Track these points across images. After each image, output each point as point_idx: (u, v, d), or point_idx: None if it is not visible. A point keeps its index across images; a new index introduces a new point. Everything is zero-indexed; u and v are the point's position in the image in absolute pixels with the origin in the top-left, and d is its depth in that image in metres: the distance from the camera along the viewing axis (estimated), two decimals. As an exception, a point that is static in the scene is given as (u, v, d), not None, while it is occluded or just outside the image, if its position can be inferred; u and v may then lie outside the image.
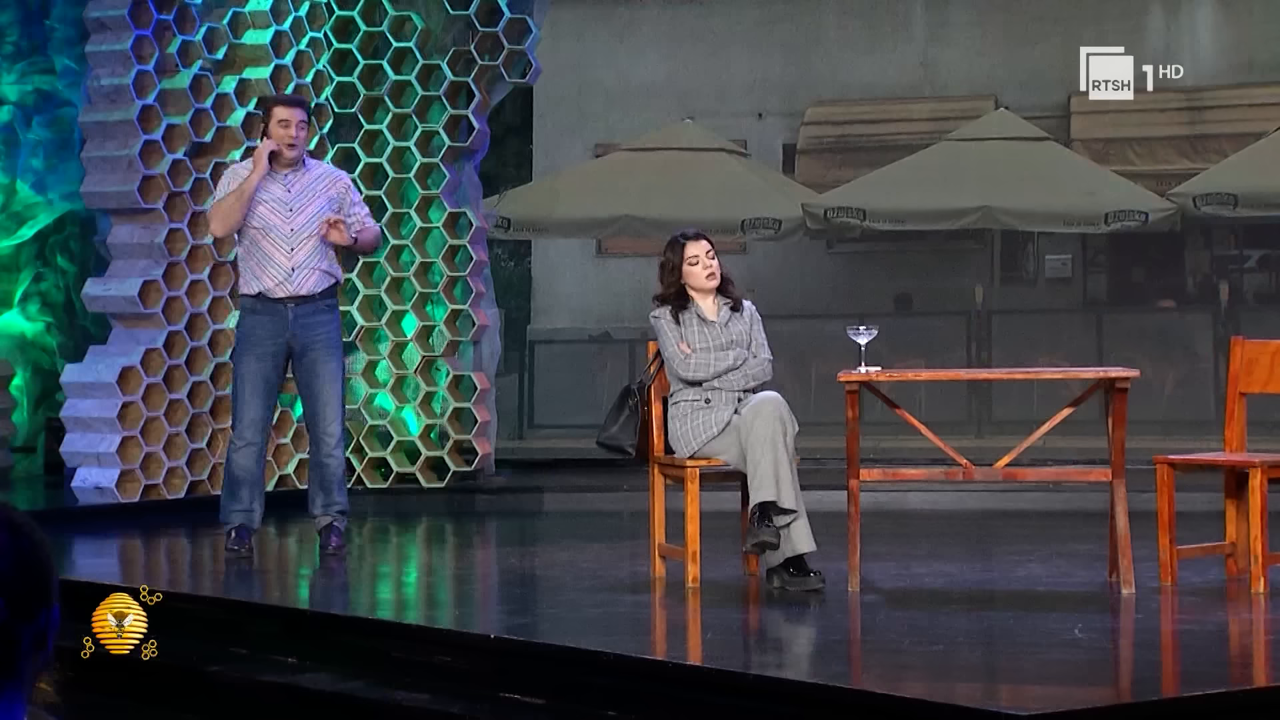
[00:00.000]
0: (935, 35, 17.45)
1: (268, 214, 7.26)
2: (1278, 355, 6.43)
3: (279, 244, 7.25)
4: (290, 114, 7.30)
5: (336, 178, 7.51)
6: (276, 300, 7.23)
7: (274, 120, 7.31)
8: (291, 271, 7.24)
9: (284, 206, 7.29)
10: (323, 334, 7.31)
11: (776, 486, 6.13)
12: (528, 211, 14.40)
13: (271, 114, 7.35)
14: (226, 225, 7.30)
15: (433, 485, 10.08)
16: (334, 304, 7.44)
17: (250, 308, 7.32)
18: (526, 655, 5.24)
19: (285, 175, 7.32)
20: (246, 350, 7.29)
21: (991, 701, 4.47)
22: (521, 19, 10.25)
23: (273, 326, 7.25)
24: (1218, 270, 17.26)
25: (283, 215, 7.27)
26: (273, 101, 7.55)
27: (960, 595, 6.45)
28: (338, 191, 7.41)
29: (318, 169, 7.52)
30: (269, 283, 7.24)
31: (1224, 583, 6.30)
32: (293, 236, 7.24)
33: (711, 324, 6.53)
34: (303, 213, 7.29)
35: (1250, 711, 4.45)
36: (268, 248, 7.25)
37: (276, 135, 7.29)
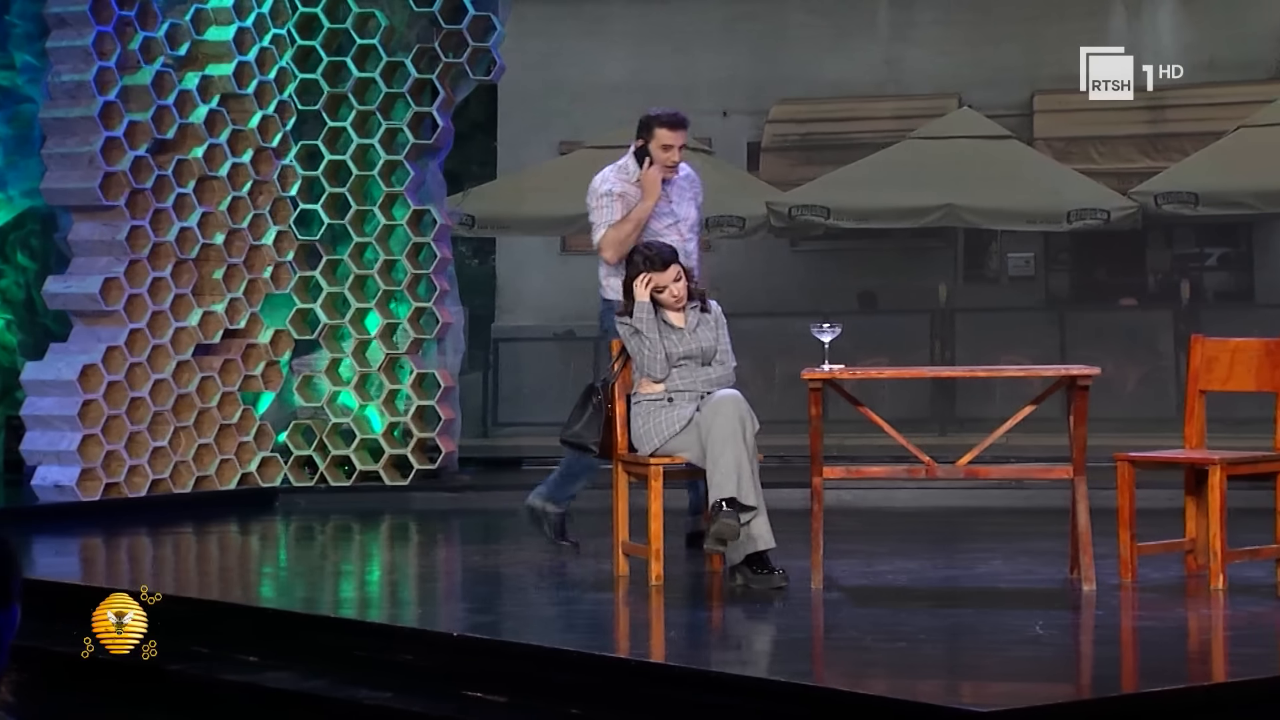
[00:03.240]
0: (899, 34, 17.48)
1: (661, 228, 7.14)
2: (1237, 353, 6.46)
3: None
4: (675, 138, 7.10)
5: (694, 180, 7.40)
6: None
7: (657, 143, 7.11)
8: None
9: (672, 219, 7.20)
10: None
11: (737, 483, 6.14)
12: (492, 209, 14.37)
13: (654, 135, 7.13)
14: (622, 254, 7.03)
15: (396, 483, 10.06)
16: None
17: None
18: (489, 653, 5.24)
19: (665, 185, 7.18)
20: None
21: (953, 698, 4.49)
22: (486, 16, 10.24)
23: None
24: (1179, 268, 17.35)
25: (673, 228, 7.18)
26: (657, 122, 7.18)
27: (923, 592, 6.48)
28: (697, 191, 7.35)
29: (683, 173, 7.34)
30: None
31: (1183, 579, 6.35)
32: (684, 247, 7.11)
33: (679, 330, 6.53)
34: (685, 222, 7.24)
35: (1209, 707, 4.48)
36: None
37: (659, 159, 7.10)
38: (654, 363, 6.43)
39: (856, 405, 6.70)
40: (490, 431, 14.25)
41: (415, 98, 10.19)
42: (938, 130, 14.45)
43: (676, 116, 7.19)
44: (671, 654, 5.36)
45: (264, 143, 9.93)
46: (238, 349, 9.82)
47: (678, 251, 6.70)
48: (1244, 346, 6.45)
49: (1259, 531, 6.41)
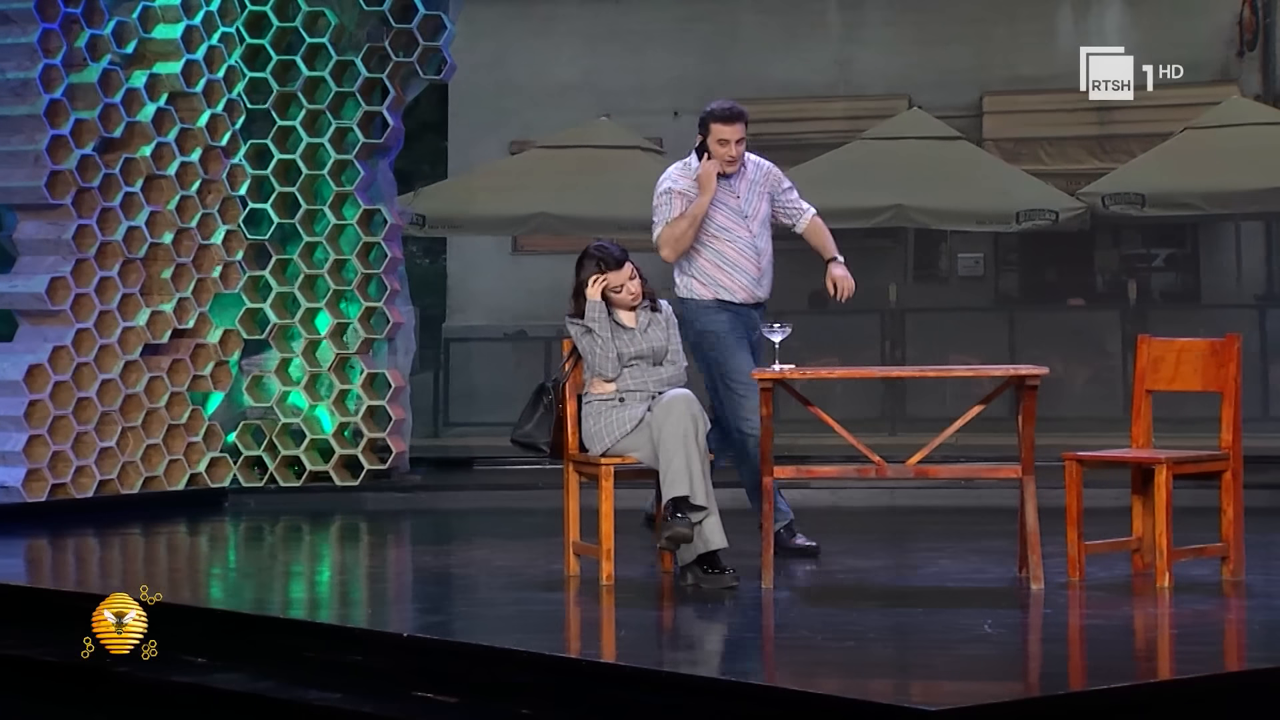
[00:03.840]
0: (850, 35, 17.54)
1: (728, 223, 7.07)
2: (1183, 353, 6.51)
3: (745, 253, 7.08)
4: (730, 132, 7.01)
5: (768, 171, 7.27)
6: (740, 305, 7.09)
7: (714, 138, 7.04)
8: (760, 279, 7.12)
9: (739, 215, 7.10)
10: (756, 330, 7.11)
11: (689, 482, 6.16)
12: (443, 208, 14.33)
13: (710, 130, 7.06)
14: (678, 252, 7.06)
15: (346, 483, 10.02)
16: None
17: (716, 308, 7.08)
18: (440, 653, 5.23)
19: (731, 180, 7.10)
20: (733, 341, 7.00)
21: (903, 697, 4.51)
22: (436, 15, 10.21)
23: (744, 324, 7.08)
24: (1126, 269, 17.47)
25: (742, 224, 7.09)
26: (711, 117, 7.09)
27: (873, 591, 6.51)
28: (771, 186, 7.22)
29: (752, 165, 7.23)
30: (740, 294, 7.08)
31: (1130, 578, 6.40)
32: (755, 243, 7.07)
33: (630, 330, 6.53)
34: (756, 217, 7.13)
35: (1155, 704, 4.52)
36: (734, 257, 7.08)
37: (717, 154, 7.03)
38: (606, 362, 6.44)
39: (807, 405, 6.73)
40: (441, 431, 14.22)
41: (365, 97, 10.15)
42: (888, 131, 14.51)
43: (731, 110, 7.09)
44: (622, 654, 5.36)
45: (213, 141, 9.87)
46: (186, 349, 9.76)
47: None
48: (1190, 347, 6.51)
49: (1204, 530, 6.47)
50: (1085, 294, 16.96)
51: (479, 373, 15.15)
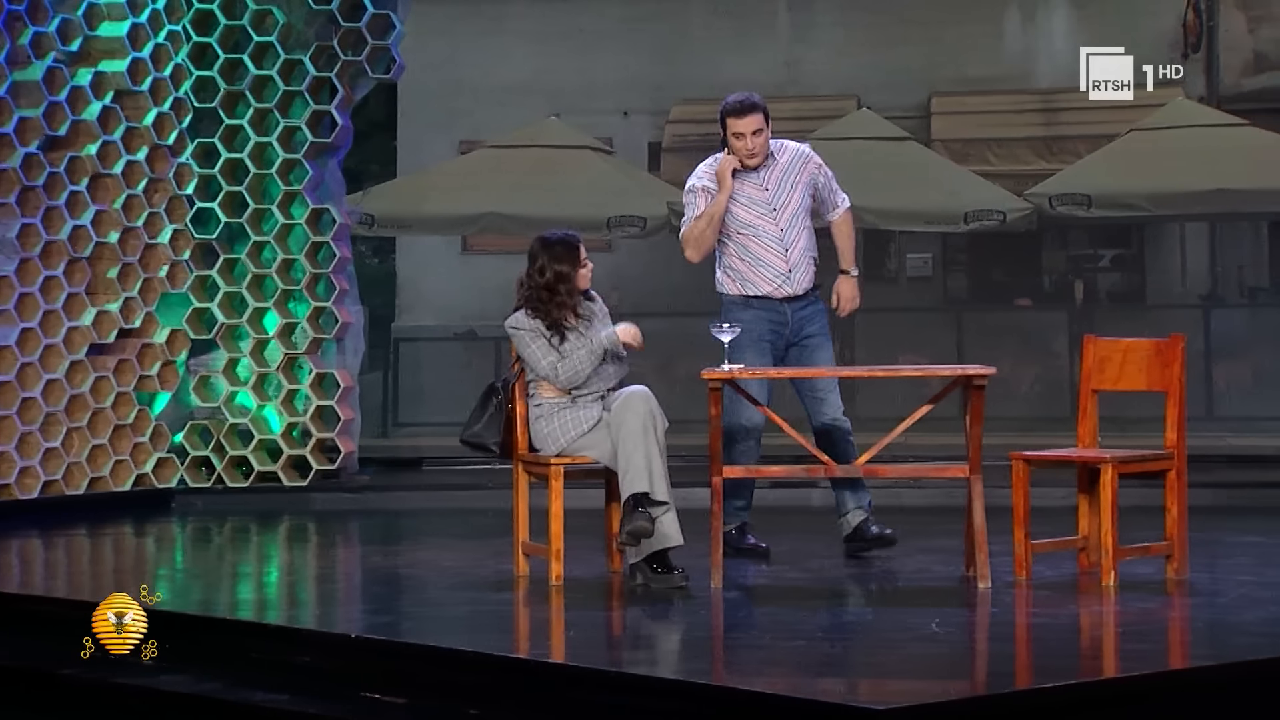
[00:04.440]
0: (800, 35, 17.60)
1: (752, 218, 6.96)
2: (1129, 353, 6.56)
3: (771, 247, 6.96)
4: (743, 125, 6.89)
5: (805, 159, 7.07)
6: (774, 300, 6.99)
7: (729, 133, 6.93)
8: (789, 274, 6.98)
9: (767, 208, 6.98)
10: (818, 324, 7.05)
11: (649, 479, 6.16)
12: (392, 208, 14.28)
13: (725, 125, 6.95)
14: (701, 251, 6.98)
15: (295, 484, 9.97)
16: (819, 292, 7.13)
17: (743, 304, 7.01)
18: (388, 654, 5.22)
19: (758, 172, 6.97)
20: (748, 345, 6.92)
21: (851, 696, 4.54)
22: (385, 14, 10.18)
23: (771, 322, 7.00)
24: (1073, 269, 17.60)
25: (769, 217, 6.97)
26: (724, 111, 6.98)
27: (821, 591, 6.53)
28: (810, 175, 7.04)
29: (785, 154, 7.06)
30: (766, 287, 6.97)
31: (1076, 576, 6.44)
32: (784, 237, 6.96)
33: (575, 329, 6.51)
34: (785, 210, 6.98)
35: (1101, 702, 4.55)
36: (759, 251, 6.97)
37: (734, 149, 6.93)
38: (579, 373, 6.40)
39: (756, 405, 6.74)
40: (390, 432, 14.17)
41: (314, 96, 10.11)
42: (837, 131, 14.54)
43: (743, 103, 6.97)
44: (571, 654, 5.36)
45: (159, 140, 9.81)
46: (133, 349, 9.70)
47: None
48: (1135, 347, 6.55)
49: (1150, 529, 6.52)
50: (1032, 294, 17.07)
51: (428, 373, 15.11)
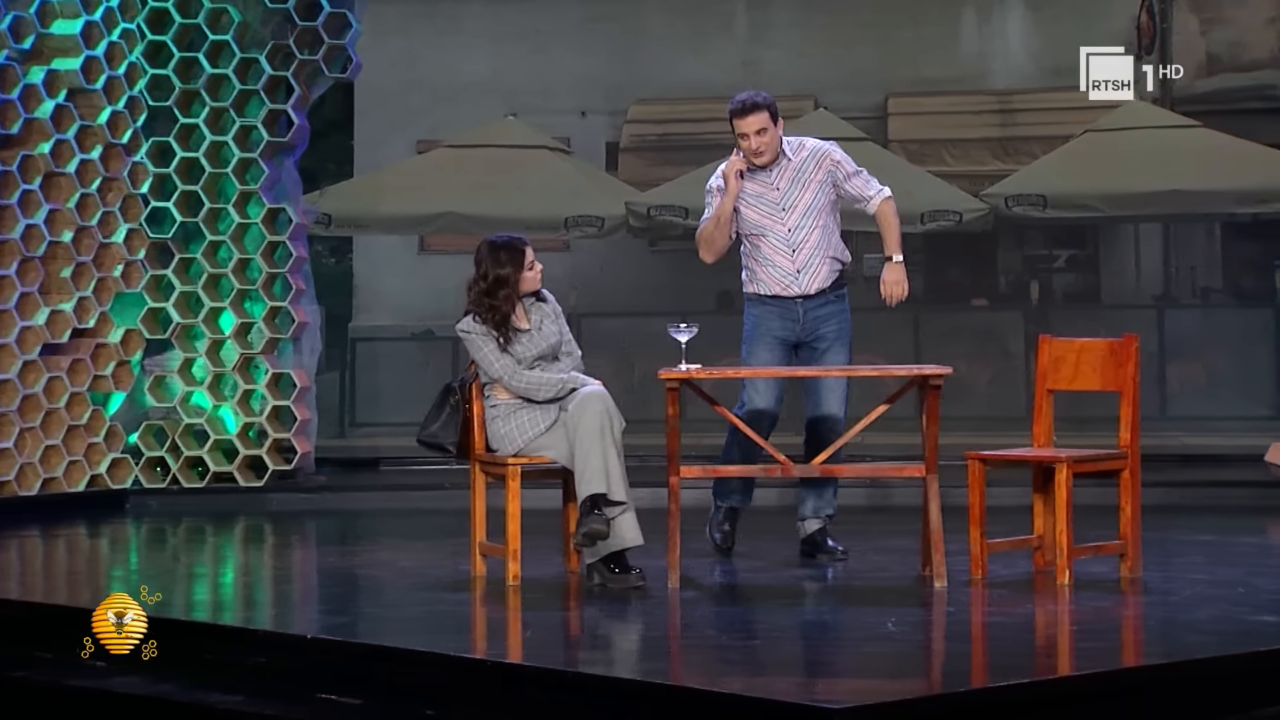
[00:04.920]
0: (757, 36, 17.63)
1: (760, 218, 6.90)
2: (1083, 353, 6.60)
3: (778, 247, 6.90)
4: (746, 125, 6.79)
5: (822, 155, 6.97)
6: (786, 299, 6.95)
7: (736, 134, 6.86)
8: (798, 274, 6.92)
9: (775, 208, 6.91)
10: (833, 326, 7.00)
11: (607, 479, 6.16)
12: (349, 208, 14.24)
13: (732, 127, 6.87)
14: (713, 252, 6.94)
15: (251, 484, 9.93)
16: (844, 293, 7.08)
17: (757, 301, 6.99)
18: (344, 655, 5.20)
19: (769, 171, 6.91)
20: (756, 341, 6.96)
21: (808, 695, 4.54)
22: (341, 13, 10.15)
23: (783, 319, 6.96)
24: (1029, 269, 17.69)
25: (776, 217, 6.91)
26: (730, 113, 6.88)
27: (778, 590, 6.54)
28: (826, 172, 6.95)
29: (801, 153, 6.96)
30: (776, 287, 6.92)
31: (1031, 575, 6.47)
32: (791, 238, 6.89)
33: (526, 331, 6.51)
34: (795, 209, 6.90)
35: (1055, 700, 4.58)
36: (768, 252, 6.91)
37: (741, 148, 6.86)
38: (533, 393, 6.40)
39: (713, 405, 6.75)
40: (347, 432, 14.13)
41: (270, 95, 10.07)
42: (794, 132, 14.51)
43: (744, 103, 6.88)
44: (528, 654, 5.36)
45: (113, 139, 9.75)
46: (87, 349, 9.63)
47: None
48: (1090, 346, 6.59)
49: (1104, 528, 6.56)
50: (988, 294, 17.14)
51: (385, 373, 15.07)
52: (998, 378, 14.51)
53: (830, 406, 6.97)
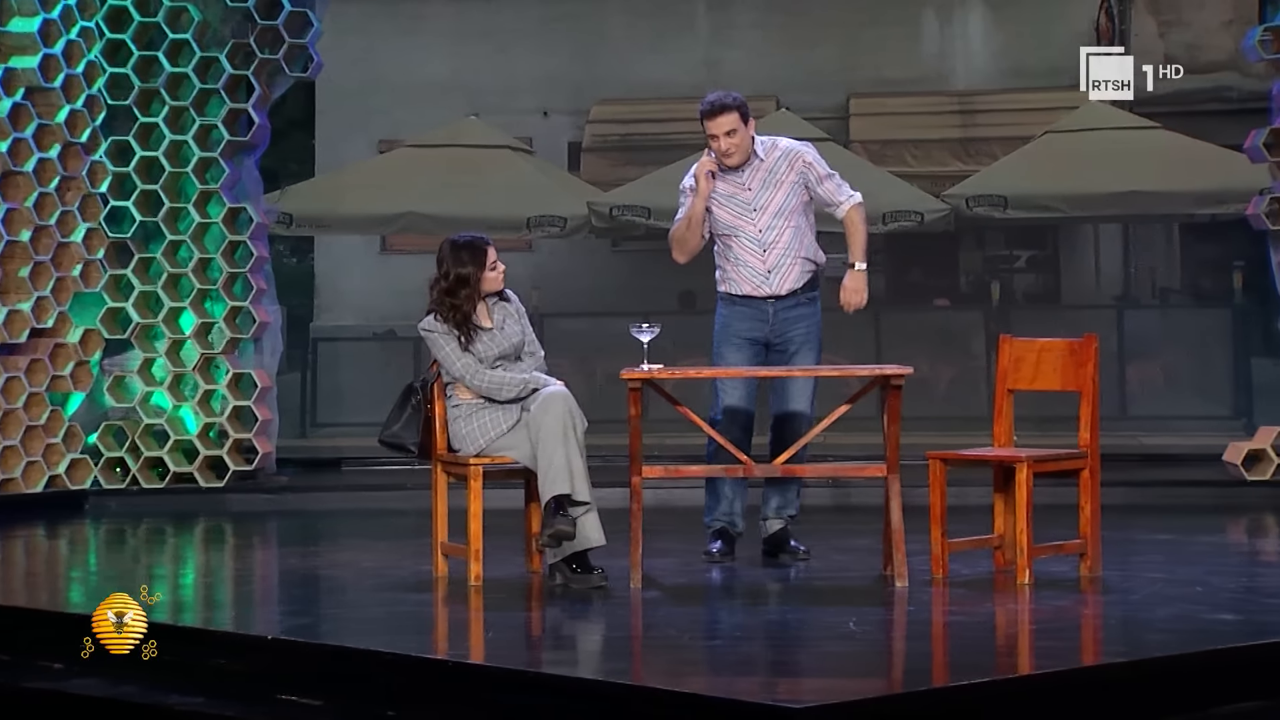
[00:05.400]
0: (718, 36, 17.65)
1: (731, 218, 6.89)
2: (1044, 353, 6.63)
3: (749, 248, 6.89)
4: (715, 126, 6.77)
5: (795, 156, 6.96)
6: (756, 299, 6.93)
7: (706, 135, 6.85)
8: (769, 274, 6.91)
9: (746, 208, 6.89)
10: (803, 328, 6.97)
11: (570, 479, 6.16)
12: (310, 207, 14.19)
13: (703, 128, 6.86)
14: (686, 252, 6.94)
15: (212, 485, 9.89)
16: (815, 295, 7.05)
17: (728, 301, 6.99)
18: (305, 656, 5.19)
19: (741, 172, 6.89)
20: (725, 341, 6.96)
21: (769, 695, 4.55)
22: (302, 12, 10.11)
23: (752, 319, 6.95)
24: (989, 270, 17.76)
25: (748, 218, 6.89)
26: (700, 114, 6.87)
27: (740, 590, 6.56)
28: (799, 173, 6.94)
29: (774, 153, 6.95)
30: (746, 287, 6.91)
31: (992, 574, 6.50)
32: (762, 238, 6.87)
33: (488, 330, 6.51)
34: (767, 210, 6.88)
35: (1015, 699, 4.59)
36: (740, 252, 6.90)
37: (712, 149, 6.85)
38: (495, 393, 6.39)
39: (675, 405, 6.75)
40: (309, 432, 14.08)
41: (230, 94, 10.02)
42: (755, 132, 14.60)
43: (713, 104, 6.86)
44: (490, 654, 5.35)
45: (72, 138, 9.69)
46: (45, 349, 9.57)
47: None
48: (1050, 346, 6.62)
49: (1064, 527, 6.59)
50: (950, 294, 17.20)
51: (347, 373, 15.02)
52: (959, 378, 14.56)
53: (797, 405, 6.99)
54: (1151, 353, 14.42)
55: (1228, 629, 5.50)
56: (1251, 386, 13.20)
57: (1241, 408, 13.24)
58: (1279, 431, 9.62)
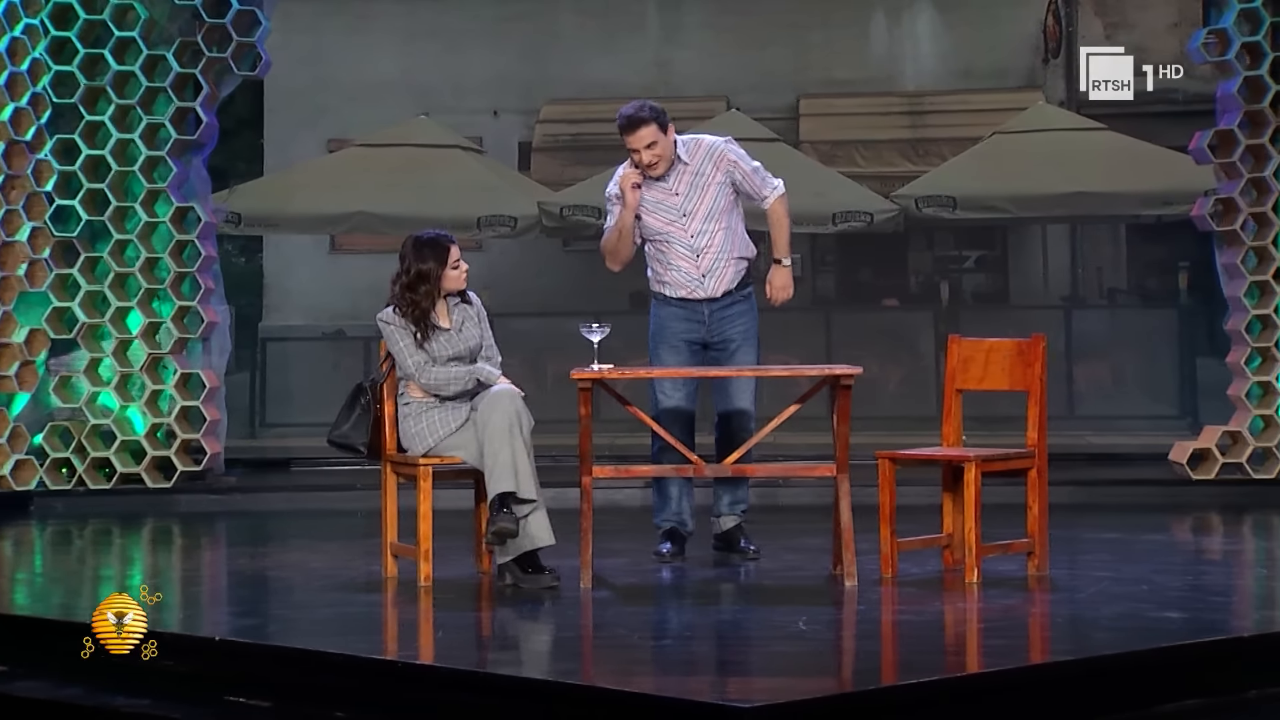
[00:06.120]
0: (669, 36, 17.68)
1: (662, 225, 6.85)
2: (992, 353, 6.66)
3: (682, 253, 6.86)
4: (634, 140, 6.76)
5: (719, 154, 6.91)
6: (692, 301, 6.90)
7: (627, 149, 6.80)
8: (703, 278, 6.88)
9: (676, 214, 6.86)
10: (740, 326, 6.95)
11: (515, 477, 6.15)
12: (259, 207, 14.13)
13: (624, 142, 6.81)
14: (618, 261, 6.91)
15: (159, 486, 9.82)
16: (750, 291, 7.01)
17: (662, 302, 6.95)
18: (253, 657, 5.16)
19: (666, 177, 6.84)
20: (662, 343, 6.92)
21: (719, 694, 4.56)
22: (250, 10, 10.05)
23: (688, 320, 6.91)
24: (939, 270, 17.85)
25: (678, 224, 6.85)
26: (618, 129, 6.84)
27: (690, 590, 6.56)
28: (725, 172, 6.88)
29: (697, 155, 6.90)
30: (681, 291, 6.89)
31: (941, 573, 6.53)
32: (694, 243, 6.85)
33: (446, 331, 6.50)
34: (697, 215, 6.85)
35: (964, 697, 4.62)
36: (673, 257, 6.87)
37: (635, 162, 6.80)
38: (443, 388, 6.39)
39: (625, 405, 6.76)
40: (258, 432, 14.01)
41: (178, 92, 9.96)
42: (706, 132, 14.62)
43: (630, 118, 6.83)
44: (440, 655, 5.34)
45: (17, 136, 9.61)
46: (-10, 349, 9.49)
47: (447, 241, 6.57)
48: (998, 346, 6.66)
49: (1012, 526, 6.63)
50: (899, 295, 17.28)
51: (296, 373, 14.96)
52: (908, 378, 14.62)
53: (740, 402, 7.00)
54: (1099, 353, 14.52)
55: (1173, 627, 5.54)
56: (1197, 386, 13.30)
57: (1187, 407, 13.35)
58: (1223, 431, 9.71)
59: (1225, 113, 9.83)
